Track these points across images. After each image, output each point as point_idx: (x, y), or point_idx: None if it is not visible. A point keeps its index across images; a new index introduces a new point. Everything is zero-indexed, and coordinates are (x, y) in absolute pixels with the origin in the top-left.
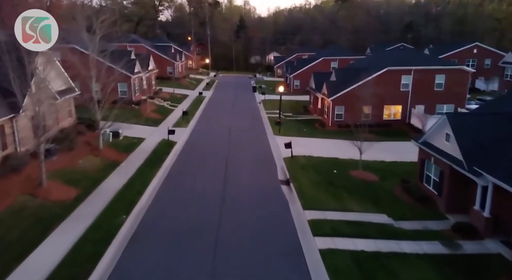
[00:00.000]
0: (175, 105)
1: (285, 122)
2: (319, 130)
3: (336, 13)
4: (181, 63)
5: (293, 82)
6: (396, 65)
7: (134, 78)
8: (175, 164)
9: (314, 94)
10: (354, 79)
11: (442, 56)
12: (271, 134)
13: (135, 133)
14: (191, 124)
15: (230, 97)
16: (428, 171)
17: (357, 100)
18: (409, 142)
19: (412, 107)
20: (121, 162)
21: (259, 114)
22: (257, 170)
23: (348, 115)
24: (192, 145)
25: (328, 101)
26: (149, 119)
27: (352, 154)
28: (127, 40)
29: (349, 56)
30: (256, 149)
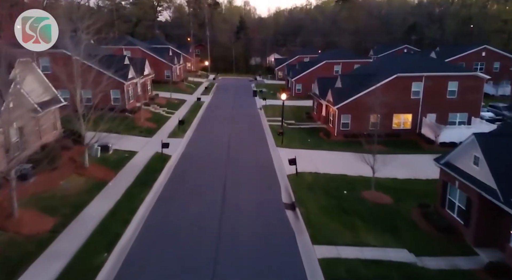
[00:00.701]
0: (172, 112)
1: (288, 131)
2: (324, 140)
3: (337, 14)
4: (179, 66)
5: (295, 86)
6: (406, 72)
7: (128, 85)
8: (168, 184)
9: (318, 101)
10: (361, 86)
11: (449, 60)
12: (273, 146)
13: (127, 145)
14: (187, 134)
15: (230, 102)
16: (452, 196)
17: (364, 108)
18: (422, 155)
19: (423, 116)
20: (109, 181)
21: (260, 123)
22: (259, 190)
23: (355, 125)
24: (188, 160)
25: (334, 109)
26: (143, 129)
27: (362, 169)
28: (122, 42)
29: (352, 60)
30: (257, 164)
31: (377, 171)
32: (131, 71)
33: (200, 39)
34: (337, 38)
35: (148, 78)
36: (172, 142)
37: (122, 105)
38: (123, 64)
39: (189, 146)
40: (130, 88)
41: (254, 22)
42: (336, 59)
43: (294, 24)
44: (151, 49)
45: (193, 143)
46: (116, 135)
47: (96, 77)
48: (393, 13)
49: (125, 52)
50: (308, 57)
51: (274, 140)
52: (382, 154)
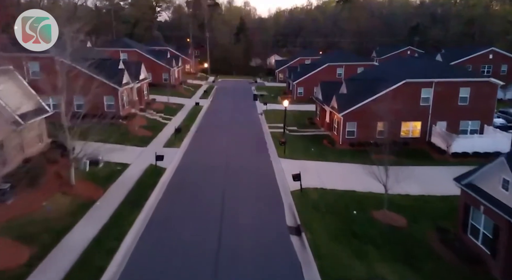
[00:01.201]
0: (169, 118)
1: (290, 139)
2: (329, 149)
3: (338, 14)
4: (178, 69)
5: (296, 89)
6: (415, 77)
7: (122, 91)
8: (161, 203)
9: (321, 106)
10: (367, 92)
11: (455, 62)
12: (275, 157)
13: (119, 157)
14: (184, 144)
15: (229, 107)
16: (476, 222)
17: (371, 116)
18: (434, 167)
19: (433, 124)
20: (97, 200)
21: (260, 130)
22: (261, 211)
23: (361, 133)
24: (183, 174)
25: (339, 116)
26: (137, 138)
27: (371, 184)
28: (119, 44)
29: (356, 62)
30: (258, 179)
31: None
32: (125, 76)
33: (200, 41)
34: (339, 39)
35: (144, 83)
36: (167, 152)
37: (116, 112)
38: (118, 68)
39: (185, 157)
40: (125, 94)
41: (254, 23)
42: (338, 61)
43: (295, 25)
44: (149, 51)
45: (190, 153)
46: (109, 146)
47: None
48: (395, 13)
49: (121, 54)
50: (310, 59)
51: (276, 150)
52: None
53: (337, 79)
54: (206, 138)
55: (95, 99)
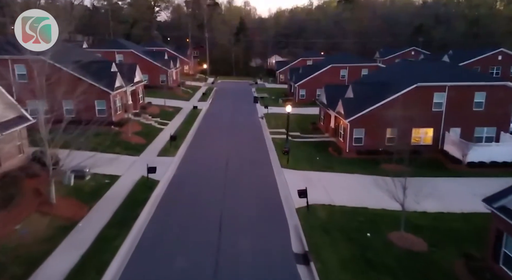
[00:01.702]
0: (165, 123)
1: (293, 146)
2: (335, 158)
3: (339, 15)
4: (176, 70)
5: (298, 91)
6: (427, 81)
7: (115, 95)
8: (151, 224)
9: (326, 111)
10: (375, 97)
11: (463, 64)
12: (277, 167)
13: (109, 168)
14: (180, 152)
15: (229, 110)
16: (510, 251)
17: (380, 122)
18: (450, 179)
19: (446, 131)
20: (79, 220)
21: (261, 135)
22: (263, 234)
23: (369, 140)
24: (177, 188)
25: (345, 122)
26: (130, 146)
27: (383, 199)
28: (114, 45)
29: (360, 64)
30: (260, 194)
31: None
32: (118, 79)
33: (199, 41)
34: (340, 40)
35: (139, 86)
36: (162, 161)
37: (108, 118)
38: (110, 71)
39: (181, 168)
40: (118, 98)
41: (255, 23)
42: (342, 63)
43: (296, 25)
44: (146, 52)
45: (186, 163)
46: (98, 155)
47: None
48: (397, 14)
49: (117, 56)
50: (311, 60)
51: (278, 159)
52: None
53: (341, 81)
54: (203, 146)
55: (85, 104)
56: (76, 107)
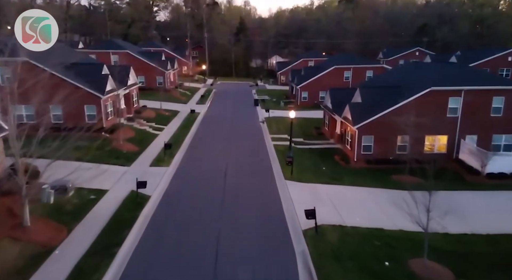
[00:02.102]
0: (161, 128)
1: (297, 154)
2: (342, 168)
3: (341, 14)
4: (173, 72)
5: (300, 94)
6: (442, 85)
7: (106, 99)
8: (138, 250)
9: (331, 115)
10: (385, 101)
11: (472, 65)
12: (281, 179)
13: (96, 181)
14: (175, 161)
15: (228, 114)
16: None
17: (390, 128)
18: (469, 192)
19: (462, 138)
20: (56, 246)
21: (263, 142)
22: (266, 264)
23: (378, 148)
24: (171, 204)
25: (353, 129)
26: (121, 154)
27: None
28: (109, 46)
29: (364, 65)
30: (262, 213)
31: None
32: (110, 82)
33: (199, 41)
34: (342, 40)
35: (133, 89)
36: (154, 173)
37: (98, 124)
38: (101, 74)
39: (175, 180)
40: (109, 102)
41: (255, 23)
42: (345, 64)
43: (296, 25)
44: (142, 53)
45: (181, 175)
46: (85, 166)
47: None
48: (399, 13)
49: (112, 57)
50: (313, 60)
51: (281, 169)
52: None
53: (345, 83)
54: (200, 154)
55: (73, 110)
56: (64, 113)
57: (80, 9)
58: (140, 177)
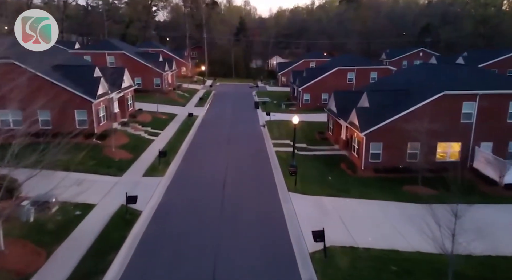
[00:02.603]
0: (157, 133)
1: (300, 162)
2: (349, 177)
3: (342, 14)
4: (171, 73)
5: (302, 96)
6: (456, 88)
7: (98, 103)
8: (125, 277)
9: (335, 120)
10: (394, 106)
11: (479, 66)
12: (284, 191)
13: (82, 194)
14: (170, 171)
15: (228, 117)
16: None
17: (400, 135)
18: (487, 206)
19: (476, 146)
20: (32, 274)
21: (264, 148)
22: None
23: (388, 156)
24: (163, 223)
25: (360, 136)
26: (113, 163)
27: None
28: (106, 46)
29: (368, 66)
30: (265, 230)
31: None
32: (102, 85)
33: (198, 41)
34: (344, 40)
35: (128, 91)
36: (148, 184)
37: (89, 129)
38: (92, 76)
39: (168, 193)
40: (101, 106)
41: (255, 23)
42: (349, 65)
43: (297, 25)
44: (139, 54)
45: (176, 186)
46: (74, 176)
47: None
48: (402, 13)
49: (108, 58)
50: (315, 61)
51: (284, 179)
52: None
53: (348, 84)
54: (198, 162)
55: (63, 114)
56: (52, 118)
57: (78, 9)
58: (132, 189)
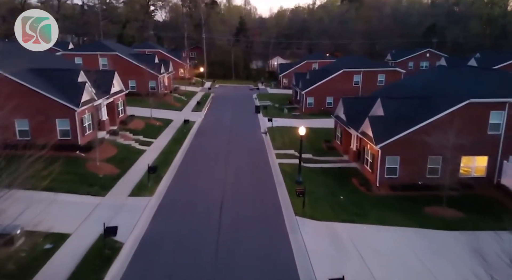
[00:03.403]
0: (148, 143)
1: (307, 176)
2: (363, 196)
3: (344, 14)
4: (168, 75)
5: (305, 99)
6: (482, 96)
7: (82, 111)
8: None
9: (344, 128)
10: (413, 115)
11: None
12: (290, 216)
13: (56, 219)
14: (160, 189)
15: (226, 124)
16: None
17: (419, 148)
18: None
19: (505, 160)
20: None
21: (266, 160)
22: None
23: (405, 171)
24: (148, 259)
25: (375, 148)
26: (96, 180)
27: (451, 275)
28: (98, 48)
29: (376, 68)
30: (268, 269)
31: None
32: (87, 91)
33: (197, 42)
34: (346, 40)
35: (119, 96)
36: (134, 206)
37: (73, 140)
38: (76, 81)
39: (157, 219)
40: (86, 115)
41: (255, 23)
42: (355, 67)
43: (298, 25)
44: (134, 55)
45: (165, 210)
46: (47, 196)
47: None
48: (406, 13)
49: (100, 59)
50: (317, 62)
51: (290, 199)
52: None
53: (354, 88)
54: (192, 178)
55: (43, 124)
56: (31, 128)
57: (75, 8)
58: (115, 214)
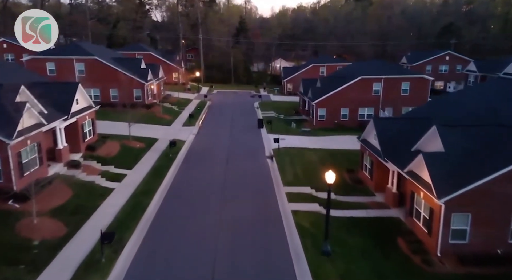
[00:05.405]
0: (121, 176)
1: (333, 235)
2: (419, 269)
3: (351, 13)
4: (157, 82)
5: (316, 111)
6: None
7: (17, 145)
8: None
9: (376, 159)
10: (489, 153)
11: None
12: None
13: None
14: (119, 267)
15: (223, 145)
16: None
17: (500, 202)
18: None
19: None
20: None
21: (275, 204)
22: None
23: (480, 235)
24: None
25: (436, 203)
26: (26, 251)
27: None
28: (73, 51)
29: (399, 75)
30: None
31: None
32: (30, 114)
33: (194, 43)
34: (355, 42)
35: (85, 115)
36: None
37: (4, 185)
38: (13, 102)
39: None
40: (28, 147)
41: (256, 23)
42: (374, 74)
43: (302, 26)
44: (117, 60)
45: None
46: None
47: None
48: (416, 12)
49: (76, 65)
50: (325, 66)
51: (311, 273)
52: None
53: (373, 98)
54: (168, 245)
55: None
56: None
57: (60, 6)
58: None
